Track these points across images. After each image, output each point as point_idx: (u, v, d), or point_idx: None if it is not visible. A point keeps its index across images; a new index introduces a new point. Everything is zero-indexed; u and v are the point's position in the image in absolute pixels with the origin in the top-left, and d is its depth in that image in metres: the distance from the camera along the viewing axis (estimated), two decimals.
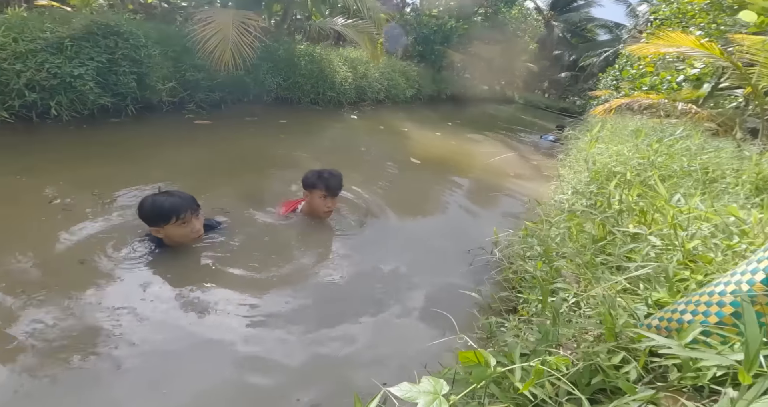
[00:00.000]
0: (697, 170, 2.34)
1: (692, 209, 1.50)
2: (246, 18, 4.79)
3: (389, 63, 8.83)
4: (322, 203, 2.21)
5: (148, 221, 1.72)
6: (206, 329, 1.48)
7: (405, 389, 0.73)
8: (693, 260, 1.33)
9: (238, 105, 5.24)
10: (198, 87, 4.82)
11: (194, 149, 3.69)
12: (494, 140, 6.83)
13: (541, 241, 2.03)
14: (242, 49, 4.66)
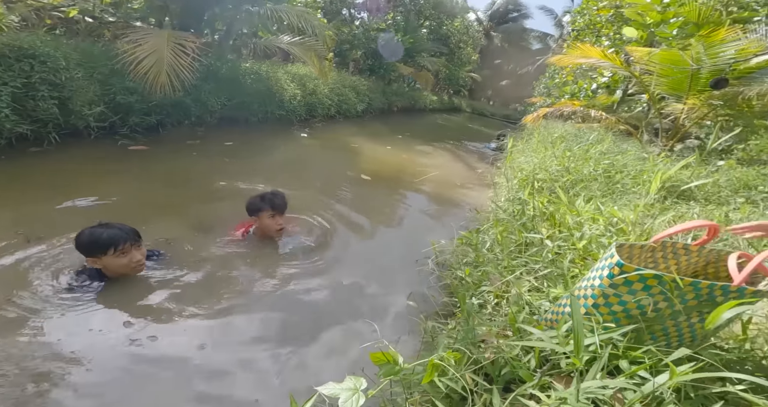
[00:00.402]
0: (601, 174, 2.67)
1: (584, 212, 1.74)
2: (183, 39, 4.64)
3: (339, 78, 8.94)
4: (272, 223, 2.29)
5: (85, 252, 1.71)
6: (155, 360, 1.49)
7: (330, 388, 0.84)
8: (585, 258, 1.54)
9: (178, 128, 5.01)
10: (131, 110, 4.55)
11: (130, 177, 3.46)
12: (443, 151, 7.15)
13: (474, 248, 2.20)
14: (179, 70, 4.51)
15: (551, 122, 7.12)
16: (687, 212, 2.35)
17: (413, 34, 13.14)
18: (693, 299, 0.94)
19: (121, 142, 4.31)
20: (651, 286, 0.98)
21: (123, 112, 4.48)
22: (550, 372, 1.08)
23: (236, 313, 1.79)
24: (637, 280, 0.99)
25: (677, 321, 1.00)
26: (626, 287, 1.02)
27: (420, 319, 1.77)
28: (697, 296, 0.94)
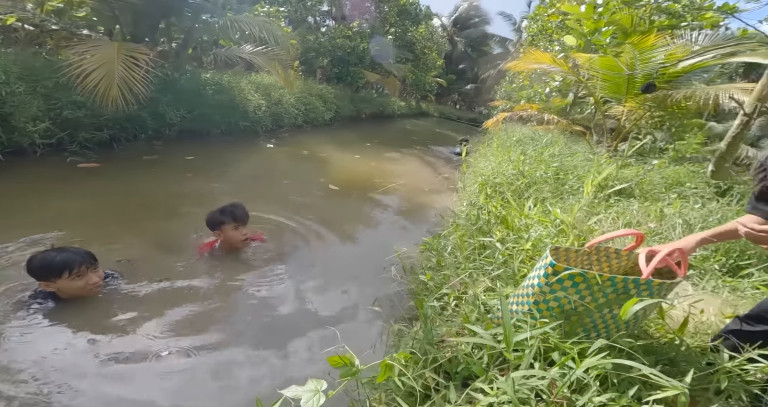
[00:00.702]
0: (551, 176, 2.84)
1: (531, 215, 1.86)
2: (135, 51, 4.47)
3: (306, 87, 8.90)
4: (237, 234, 2.30)
5: (38, 277, 1.70)
6: (120, 374, 1.52)
7: (293, 390, 0.91)
8: (532, 258, 1.65)
9: (133, 143, 4.80)
10: (80, 126, 4.32)
11: (82, 197, 3.28)
12: (411, 157, 7.28)
13: (437, 253, 2.28)
14: (132, 84, 4.34)
15: (512, 125, 7.44)
16: (627, 208, 2.55)
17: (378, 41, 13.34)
18: (612, 293, 1.04)
19: (71, 159, 4.08)
20: (578, 283, 1.07)
21: (71, 127, 4.25)
22: (501, 367, 1.16)
23: (202, 326, 1.80)
24: (567, 278, 1.08)
25: (603, 314, 1.09)
26: (559, 285, 1.11)
27: (389, 323, 1.83)
28: (615, 290, 1.04)
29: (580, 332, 1.13)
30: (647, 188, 2.71)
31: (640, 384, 0.97)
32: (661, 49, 3.26)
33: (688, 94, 3.21)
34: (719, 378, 0.98)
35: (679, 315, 1.46)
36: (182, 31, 6.30)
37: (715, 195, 2.56)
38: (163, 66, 5.34)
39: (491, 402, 0.95)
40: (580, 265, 1.36)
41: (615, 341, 0.98)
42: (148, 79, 4.47)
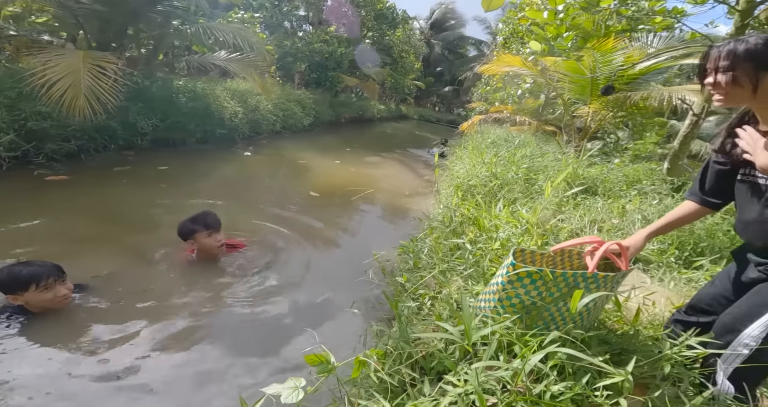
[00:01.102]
0: (521, 177, 2.95)
1: (500, 216, 1.94)
2: (101, 60, 4.35)
3: (283, 93, 8.85)
4: (211, 241, 2.30)
5: (5, 290, 1.72)
6: (106, 381, 1.54)
7: (273, 388, 0.96)
8: (501, 257, 1.73)
9: (103, 154, 4.66)
10: (46, 137, 4.17)
11: (50, 211, 3.15)
12: (392, 161, 7.34)
13: (414, 255, 2.33)
14: (100, 94, 4.22)
15: (488, 127, 7.63)
16: (593, 205, 2.68)
17: (357, 45, 13.42)
18: (565, 287, 1.11)
19: (38, 172, 3.93)
20: (536, 280, 1.14)
21: (37, 139, 4.10)
22: (471, 361, 1.21)
23: (182, 334, 1.82)
24: (525, 276, 1.15)
25: (559, 307, 1.16)
26: (519, 283, 1.17)
27: (368, 324, 1.87)
28: (567, 285, 1.11)
29: (542, 325, 1.20)
30: (609, 186, 2.86)
31: (593, 373, 1.04)
32: (619, 52, 3.46)
33: (645, 95, 3.41)
34: (662, 364, 1.06)
35: (643, 306, 1.56)
36: (152, 38, 6.17)
37: (671, 191, 2.73)
38: (133, 74, 5.21)
39: (459, 393, 1.00)
40: (546, 266, 1.43)
41: (567, 332, 1.05)
42: (116, 88, 4.36)
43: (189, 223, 2.27)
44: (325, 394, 1.17)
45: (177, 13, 5.90)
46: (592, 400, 0.99)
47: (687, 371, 1.09)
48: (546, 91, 6.91)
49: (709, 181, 1.16)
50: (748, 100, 0.96)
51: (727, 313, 1.07)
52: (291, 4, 12.31)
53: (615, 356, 1.18)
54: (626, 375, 0.94)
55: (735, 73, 0.92)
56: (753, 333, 0.98)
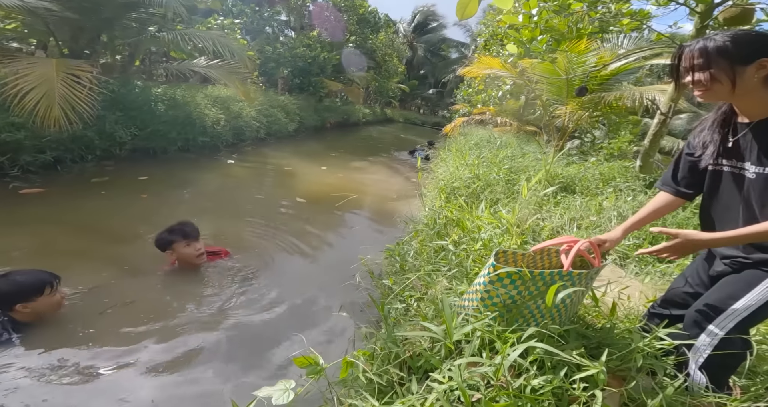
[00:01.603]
0: (502, 178, 3.02)
1: (482, 217, 1.99)
2: (75, 69, 4.25)
3: (266, 99, 8.79)
4: (190, 250, 2.29)
5: (20, 297, 1.70)
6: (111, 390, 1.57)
7: (264, 390, 1.00)
8: (483, 257, 1.77)
9: (80, 165, 4.53)
10: (21, 149, 4.03)
11: (26, 225, 3.05)
12: (378, 165, 7.37)
13: (401, 258, 2.36)
14: (75, 102, 4.12)
15: (471, 128, 7.74)
16: (572, 203, 2.76)
17: (339, 50, 13.45)
18: (542, 285, 1.15)
19: (13, 185, 3.79)
20: (515, 280, 1.18)
21: (11, 151, 3.96)
22: (454, 358, 1.23)
23: (172, 343, 1.84)
24: (505, 277, 1.18)
25: (538, 305, 1.20)
26: (500, 283, 1.21)
27: (357, 327, 1.88)
28: (545, 282, 1.15)
29: (522, 322, 1.24)
30: (587, 184, 2.95)
31: (570, 366, 1.08)
32: (591, 53, 3.58)
33: (618, 95, 3.54)
34: (636, 356, 1.11)
35: (619, 301, 1.61)
36: (128, 45, 6.05)
37: (644, 188, 2.84)
38: (108, 81, 5.10)
39: (445, 389, 1.02)
40: (526, 266, 1.47)
41: (545, 327, 1.08)
42: (92, 97, 4.26)
43: (166, 234, 2.26)
44: (316, 396, 1.19)
45: (153, 20, 5.80)
46: (570, 393, 1.02)
47: (660, 362, 1.13)
48: (526, 93, 7.08)
49: (682, 172, 1.20)
50: (728, 95, 0.99)
51: (695, 306, 1.12)
52: (272, 9, 12.27)
53: (593, 349, 1.22)
54: (600, 366, 0.97)
55: (711, 70, 0.95)
56: (720, 324, 1.03)
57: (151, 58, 8.41)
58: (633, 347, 1.14)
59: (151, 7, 5.21)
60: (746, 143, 1.02)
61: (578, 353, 1.04)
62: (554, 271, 1.13)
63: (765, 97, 0.97)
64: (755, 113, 1.00)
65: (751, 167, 1.00)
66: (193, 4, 5.89)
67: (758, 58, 0.93)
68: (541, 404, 1.00)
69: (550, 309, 1.22)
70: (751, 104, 1.00)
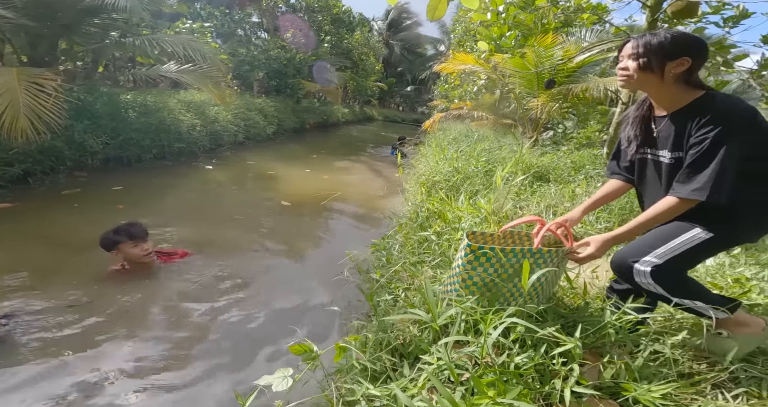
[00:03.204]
0: (480, 170, 3.12)
1: (462, 208, 2.06)
2: (38, 77, 4.08)
3: (243, 102, 8.64)
4: (137, 251, 2.27)
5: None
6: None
7: (265, 379, 1.07)
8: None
9: (52, 177, 4.35)
10: None
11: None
12: (361, 164, 7.39)
13: (387, 252, 2.41)
14: (40, 112, 3.95)
15: (450, 123, 7.87)
16: (547, 191, 2.88)
17: (314, 51, 13.35)
18: (516, 263, 1.23)
19: None
20: (491, 258, 1.24)
21: None
22: (446, 342, 1.29)
23: (168, 343, 1.87)
24: (482, 255, 1.24)
25: (516, 283, 1.27)
26: (477, 262, 1.27)
27: (348, 320, 1.94)
28: (519, 260, 1.22)
29: (503, 302, 1.31)
30: (559, 173, 3.09)
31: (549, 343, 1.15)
32: (558, 47, 3.73)
33: (584, 87, 3.72)
34: (607, 332, 1.19)
35: (591, 281, 1.71)
36: (90, 51, 5.81)
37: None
38: (73, 89, 4.91)
39: (434, 369, 1.08)
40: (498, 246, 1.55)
41: (522, 307, 1.16)
42: (58, 106, 4.10)
43: (111, 234, 2.24)
44: (315, 386, 1.23)
45: (116, 25, 5.62)
46: (551, 368, 1.09)
47: (628, 335, 1.22)
48: (500, 87, 7.25)
49: (623, 161, 1.33)
50: (655, 85, 1.10)
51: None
52: (243, 11, 12.04)
53: (570, 328, 1.30)
54: (575, 341, 1.05)
55: (647, 59, 1.06)
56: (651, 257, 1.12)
57: (116, 63, 8.11)
58: (604, 323, 1.22)
59: (114, 13, 5.04)
60: (664, 132, 1.14)
61: (555, 330, 1.12)
62: (525, 248, 1.21)
63: (677, 92, 1.09)
64: (669, 105, 1.12)
65: (668, 154, 1.13)
66: (158, 9, 5.72)
67: (683, 55, 1.04)
68: (525, 379, 1.07)
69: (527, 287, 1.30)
70: (666, 97, 1.12)
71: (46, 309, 2.01)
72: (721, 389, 1.08)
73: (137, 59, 7.28)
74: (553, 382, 1.03)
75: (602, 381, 1.07)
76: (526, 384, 1.05)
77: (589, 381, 1.06)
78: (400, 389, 1.05)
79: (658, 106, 1.17)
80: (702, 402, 0.98)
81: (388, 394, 1.06)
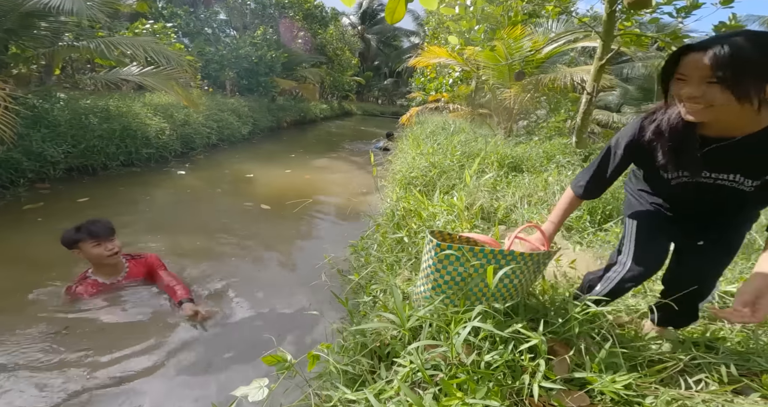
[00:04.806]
0: (456, 164, 3.14)
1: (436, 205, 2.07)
2: None
3: (214, 103, 8.37)
4: (100, 250, 2.13)
5: None
6: None
7: (241, 390, 1.11)
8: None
9: (11, 190, 4.10)
10: None
11: None
12: (341, 161, 7.30)
13: (365, 252, 2.39)
14: None
15: (428, 115, 7.87)
16: (521, 181, 2.93)
17: (287, 47, 13.04)
18: (487, 263, 1.23)
19: None
20: (460, 257, 1.25)
21: None
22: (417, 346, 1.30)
23: (143, 357, 1.84)
24: (451, 254, 1.24)
25: (486, 283, 1.28)
26: (447, 261, 1.27)
27: (328, 323, 1.91)
28: (488, 261, 1.23)
29: (474, 301, 1.31)
30: (532, 163, 3.14)
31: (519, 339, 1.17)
32: (526, 38, 3.77)
33: (553, 77, 3.78)
34: (572, 324, 1.22)
35: (572, 273, 1.75)
36: (43, 55, 5.46)
37: (581, 162, 3.08)
38: (26, 96, 4.63)
39: (407, 372, 1.08)
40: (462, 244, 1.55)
41: (489, 307, 1.17)
42: (9, 116, 3.85)
43: (72, 232, 2.12)
44: (296, 392, 1.24)
45: (68, 28, 5.30)
46: (520, 364, 1.11)
47: (586, 327, 1.25)
48: (474, 78, 7.30)
49: (610, 179, 1.21)
50: (737, 111, 0.84)
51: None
52: (209, 9, 11.60)
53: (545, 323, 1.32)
54: (538, 337, 1.07)
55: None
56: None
57: (73, 65, 7.68)
58: (569, 316, 1.25)
59: (61, 16, 4.74)
60: (732, 155, 0.94)
61: (522, 326, 1.13)
62: (494, 250, 1.21)
63: (759, 114, 0.86)
64: (743, 128, 0.90)
65: (747, 180, 0.97)
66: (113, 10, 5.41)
67: None
68: (496, 376, 1.08)
69: (497, 287, 1.31)
70: (744, 121, 0.88)
71: (23, 334, 1.92)
72: (685, 376, 1.12)
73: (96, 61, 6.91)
74: (523, 378, 1.05)
75: (570, 375, 1.09)
76: (497, 381, 1.06)
77: (559, 374, 1.09)
78: (377, 391, 1.05)
79: (724, 128, 0.93)
80: (662, 391, 1.02)
81: (365, 398, 1.06)
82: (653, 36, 2.74)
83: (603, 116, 6.94)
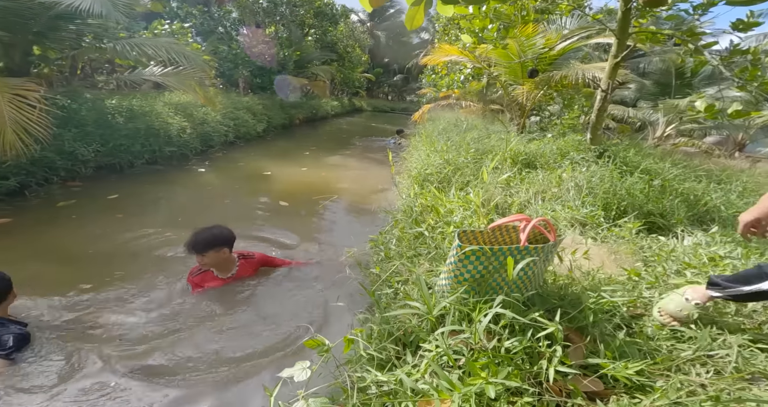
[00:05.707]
0: (470, 161, 3.20)
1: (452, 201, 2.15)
2: (20, 89, 4.03)
3: (229, 101, 8.55)
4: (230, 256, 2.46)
5: None
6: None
7: (287, 371, 1.24)
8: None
9: (47, 188, 4.35)
10: None
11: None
12: (354, 158, 7.41)
13: (385, 247, 2.50)
14: (26, 124, 3.93)
15: (440, 112, 7.89)
16: (535, 178, 2.98)
17: (299, 45, 13.16)
18: (504, 259, 1.32)
19: None
20: (480, 256, 1.34)
21: None
22: (442, 332, 1.40)
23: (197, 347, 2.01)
24: (471, 254, 1.34)
25: (503, 276, 1.37)
26: (467, 260, 1.36)
27: (354, 313, 2.03)
28: (505, 257, 1.32)
29: (492, 293, 1.41)
30: (546, 159, 3.18)
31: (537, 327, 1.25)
32: (539, 36, 3.78)
33: (565, 74, 3.79)
34: (587, 314, 1.30)
35: (584, 265, 1.81)
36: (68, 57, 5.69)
37: (595, 158, 3.10)
38: (56, 98, 4.86)
39: (433, 356, 1.19)
40: (488, 241, 1.64)
41: (508, 296, 1.26)
42: (43, 117, 4.08)
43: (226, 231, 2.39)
44: (329, 376, 1.34)
45: (91, 29, 5.51)
46: (538, 350, 1.20)
47: (605, 316, 1.33)
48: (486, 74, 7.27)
49: None
50: None
51: None
52: (222, 8, 11.78)
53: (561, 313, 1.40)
54: (555, 325, 1.15)
55: None
56: None
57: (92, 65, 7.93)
58: (583, 306, 1.33)
59: (89, 18, 4.94)
60: None
61: (539, 315, 1.22)
62: (512, 247, 1.30)
63: None
64: None
65: None
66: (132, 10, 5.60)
67: None
68: (515, 361, 1.18)
69: (514, 279, 1.40)
70: None
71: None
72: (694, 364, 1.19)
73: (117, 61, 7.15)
74: (540, 363, 1.14)
75: (584, 361, 1.18)
76: (516, 365, 1.16)
77: (574, 360, 1.17)
78: (404, 374, 1.16)
79: None
80: (674, 377, 1.09)
81: (395, 380, 1.17)
82: (670, 33, 2.73)
83: (618, 110, 6.86)
